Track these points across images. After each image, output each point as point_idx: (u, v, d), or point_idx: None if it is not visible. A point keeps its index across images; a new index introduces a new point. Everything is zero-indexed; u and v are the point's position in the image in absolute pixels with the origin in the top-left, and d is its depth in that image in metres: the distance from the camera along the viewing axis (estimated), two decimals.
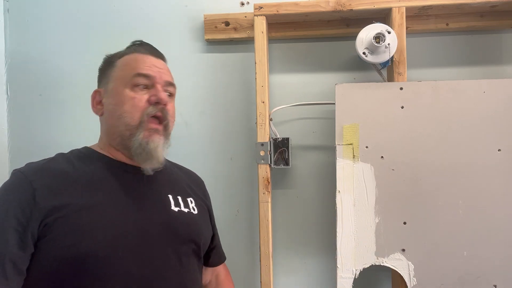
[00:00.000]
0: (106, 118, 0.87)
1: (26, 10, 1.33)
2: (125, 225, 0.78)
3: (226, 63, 1.28)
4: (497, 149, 1.03)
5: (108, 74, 0.89)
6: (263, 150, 1.14)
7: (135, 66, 0.86)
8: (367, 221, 1.06)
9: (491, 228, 1.02)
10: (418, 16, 1.17)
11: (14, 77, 1.33)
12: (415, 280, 1.04)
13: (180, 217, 0.87)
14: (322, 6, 1.11)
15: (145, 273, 0.77)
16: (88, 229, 0.74)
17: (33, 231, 0.72)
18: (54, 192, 0.75)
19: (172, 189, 0.91)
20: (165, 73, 0.89)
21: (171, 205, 0.87)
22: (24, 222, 0.71)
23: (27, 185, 0.75)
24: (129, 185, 0.84)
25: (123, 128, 0.83)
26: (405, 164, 1.05)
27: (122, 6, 1.31)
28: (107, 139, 0.88)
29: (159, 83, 0.86)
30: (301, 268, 1.24)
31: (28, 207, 0.72)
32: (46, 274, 0.73)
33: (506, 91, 1.03)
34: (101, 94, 0.89)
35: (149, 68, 0.86)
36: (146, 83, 0.85)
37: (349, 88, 1.08)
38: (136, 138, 0.82)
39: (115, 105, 0.84)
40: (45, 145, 1.30)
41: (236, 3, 1.27)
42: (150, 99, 0.84)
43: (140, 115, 0.83)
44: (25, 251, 0.71)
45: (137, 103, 0.83)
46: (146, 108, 0.84)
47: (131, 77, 0.85)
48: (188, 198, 0.93)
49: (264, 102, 1.14)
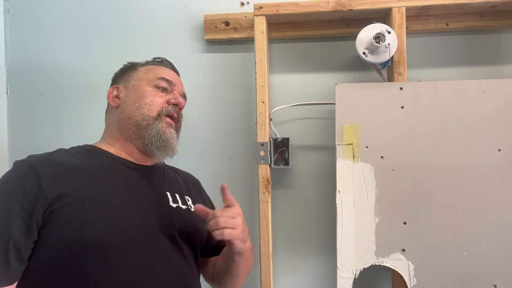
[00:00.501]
0: (123, 109, 0.91)
1: (26, 10, 1.33)
2: (128, 215, 0.80)
3: (226, 63, 1.28)
4: (497, 149, 1.03)
5: (129, 74, 0.96)
6: (263, 150, 1.14)
7: (159, 72, 0.95)
8: (367, 221, 1.06)
9: (491, 228, 1.02)
10: (418, 16, 1.17)
11: (14, 77, 1.33)
12: (415, 280, 1.04)
13: (178, 212, 0.90)
14: (322, 6, 1.11)
15: (147, 262, 0.79)
16: (93, 218, 0.75)
17: (37, 218, 0.72)
18: (59, 180, 0.76)
19: (170, 188, 0.94)
20: (182, 86, 1.00)
21: (169, 201, 0.90)
22: (29, 208, 0.72)
23: (32, 172, 0.75)
24: (131, 179, 0.87)
25: (140, 118, 0.89)
26: (405, 164, 1.05)
27: (122, 6, 1.31)
28: (119, 130, 0.91)
29: (176, 91, 0.96)
30: (301, 268, 1.24)
31: (33, 194, 0.73)
32: (49, 262, 0.73)
33: (506, 91, 1.03)
34: (119, 90, 0.95)
35: (170, 76, 0.96)
36: (167, 87, 0.94)
37: (349, 88, 1.08)
38: (154, 127, 0.89)
39: (136, 98, 0.91)
40: (45, 145, 1.28)
41: (236, 3, 1.27)
42: (170, 100, 0.92)
43: (158, 109, 0.90)
44: (29, 237, 0.72)
45: (158, 99, 0.91)
46: (165, 106, 0.91)
47: (155, 79, 0.93)
48: (186, 196, 0.97)
49: (264, 102, 1.14)
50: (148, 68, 0.97)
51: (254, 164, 1.21)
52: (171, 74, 0.98)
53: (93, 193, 0.78)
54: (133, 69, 0.97)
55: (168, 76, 0.95)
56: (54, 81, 1.32)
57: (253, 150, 1.22)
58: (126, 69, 0.99)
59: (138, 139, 0.90)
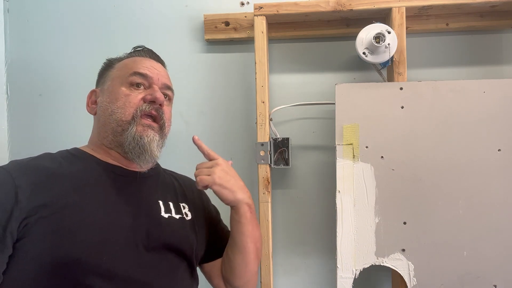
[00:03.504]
0: (99, 116, 0.85)
1: (26, 10, 1.33)
2: (111, 228, 0.73)
3: (226, 63, 1.27)
4: (497, 149, 1.03)
5: (106, 75, 0.89)
6: (263, 150, 1.14)
7: (133, 66, 0.86)
8: (367, 221, 1.06)
9: (491, 228, 1.02)
10: (418, 16, 1.16)
11: (14, 77, 1.33)
12: (415, 280, 1.04)
13: (170, 223, 0.83)
14: (322, 6, 1.11)
15: (131, 280, 0.72)
16: (71, 231, 0.69)
17: (12, 231, 0.67)
18: (38, 190, 0.71)
19: (164, 195, 0.88)
20: (163, 76, 0.89)
21: (160, 211, 0.84)
22: (3, 221, 0.66)
23: (10, 182, 0.70)
24: (118, 188, 0.80)
25: (114, 125, 0.81)
26: (405, 164, 1.05)
27: (122, 6, 1.31)
28: (98, 138, 0.85)
29: (156, 84, 0.86)
30: (301, 268, 1.24)
31: (9, 205, 0.67)
32: (24, 279, 0.67)
33: (506, 91, 1.03)
34: (96, 94, 0.89)
35: (147, 68, 0.86)
36: (143, 82, 0.85)
37: (349, 88, 1.08)
38: (129, 133, 0.80)
39: (109, 103, 0.83)
40: (45, 145, 1.29)
41: (236, 3, 1.27)
42: (146, 97, 0.83)
43: (133, 111, 0.81)
44: (2, 252, 0.66)
45: (131, 99, 0.82)
46: (140, 105, 0.82)
47: (128, 75, 0.84)
48: (181, 204, 0.90)
49: (264, 102, 1.14)
50: (123, 64, 0.88)
51: (254, 164, 1.21)
52: (149, 65, 0.87)
53: (73, 204, 0.72)
54: (109, 67, 0.89)
55: (143, 69, 0.85)
56: (54, 81, 1.32)
57: (253, 150, 1.22)
58: (103, 69, 0.92)
59: (118, 147, 0.82)
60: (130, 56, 0.90)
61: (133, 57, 0.90)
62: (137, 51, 0.92)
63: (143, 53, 0.91)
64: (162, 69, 0.91)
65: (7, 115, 1.32)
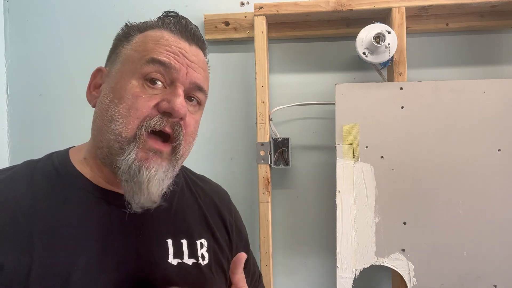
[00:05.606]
0: (97, 115, 0.61)
1: (26, 10, 1.33)
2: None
3: (226, 63, 1.27)
4: (497, 149, 1.03)
5: (118, 50, 0.63)
6: (263, 150, 1.14)
7: (153, 48, 0.58)
8: (367, 221, 1.06)
9: (491, 228, 1.02)
10: (418, 16, 1.16)
11: (14, 77, 1.33)
12: (415, 280, 1.04)
13: (179, 274, 0.61)
14: (322, 6, 1.11)
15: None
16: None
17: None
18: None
19: (176, 229, 0.64)
20: (196, 69, 0.61)
21: (168, 256, 0.61)
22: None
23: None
24: (110, 226, 0.58)
25: (112, 137, 0.57)
26: (405, 164, 1.05)
27: (122, 6, 1.31)
28: (94, 144, 0.62)
29: (181, 83, 0.59)
30: (301, 268, 1.24)
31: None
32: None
33: (506, 91, 1.03)
34: (103, 76, 0.64)
35: (171, 54, 0.58)
36: (161, 77, 0.58)
37: (349, 88, 1.08)
38: (125, 158, 0.56)
39: (110, 101, 0.58)
40: (45, 145, 1.30)
41: (236, 3, 1.27)
42: (160, 105, 0.57)
43: (137, 124, 0.56)
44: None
45: (140, 105, 0.56)
46: (150, 116, 0.57)
47: (143, 62, 0.58)
48: (198, 241, 0.66)
49: (264, 102, 1.14)
50: (143, 40, 0.60)
51: (254, 164, 1.21)
52: (176, 47, 0.59)
53: (39, 264, 0.51)
54: (126, 39, 0.62)
55: (165, 55, 0.57)
56: (54, 81, 1.32)
57: (253, 150, 1.22)
58: (119, 38, 0.64)
59: (110, 165, 0.58)
60: (156, 26, 0.62)
61: (159, 30, 0.61)
62: (167, 18, 0.64)
63: (174, 27, 0.62)
64: (198, 57, 0.62)
65: (7, 115, 1.32)
